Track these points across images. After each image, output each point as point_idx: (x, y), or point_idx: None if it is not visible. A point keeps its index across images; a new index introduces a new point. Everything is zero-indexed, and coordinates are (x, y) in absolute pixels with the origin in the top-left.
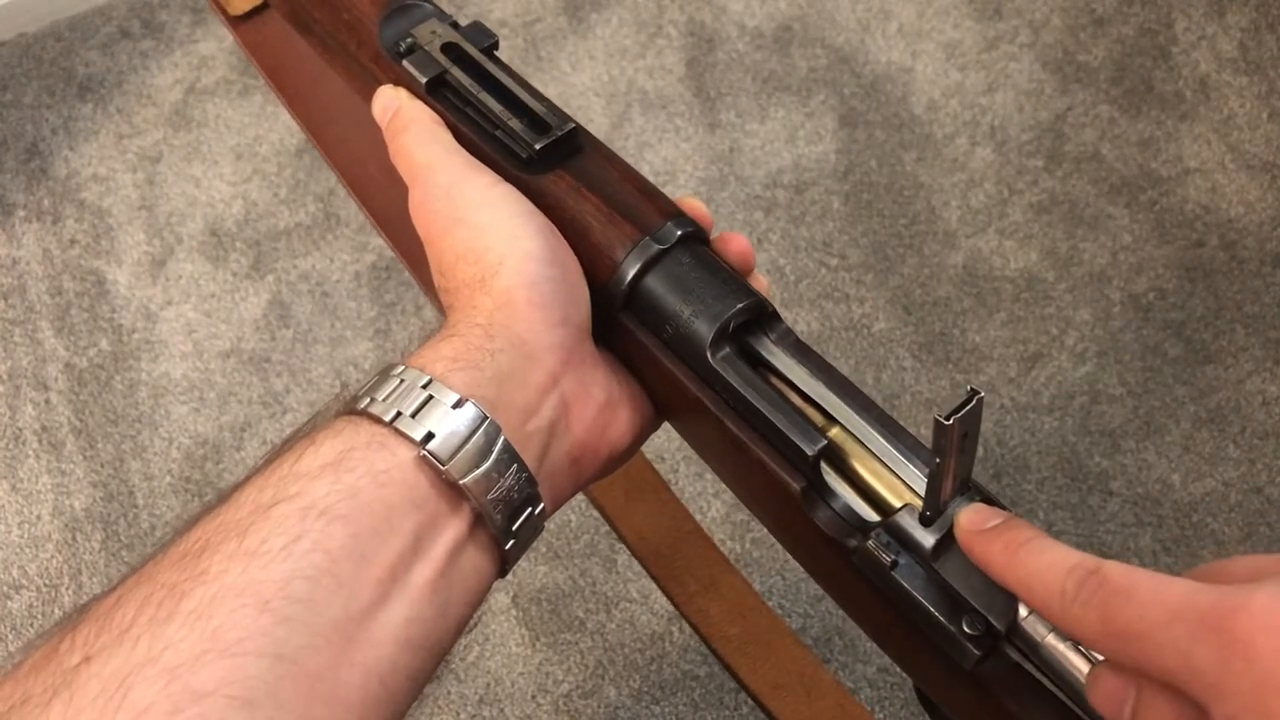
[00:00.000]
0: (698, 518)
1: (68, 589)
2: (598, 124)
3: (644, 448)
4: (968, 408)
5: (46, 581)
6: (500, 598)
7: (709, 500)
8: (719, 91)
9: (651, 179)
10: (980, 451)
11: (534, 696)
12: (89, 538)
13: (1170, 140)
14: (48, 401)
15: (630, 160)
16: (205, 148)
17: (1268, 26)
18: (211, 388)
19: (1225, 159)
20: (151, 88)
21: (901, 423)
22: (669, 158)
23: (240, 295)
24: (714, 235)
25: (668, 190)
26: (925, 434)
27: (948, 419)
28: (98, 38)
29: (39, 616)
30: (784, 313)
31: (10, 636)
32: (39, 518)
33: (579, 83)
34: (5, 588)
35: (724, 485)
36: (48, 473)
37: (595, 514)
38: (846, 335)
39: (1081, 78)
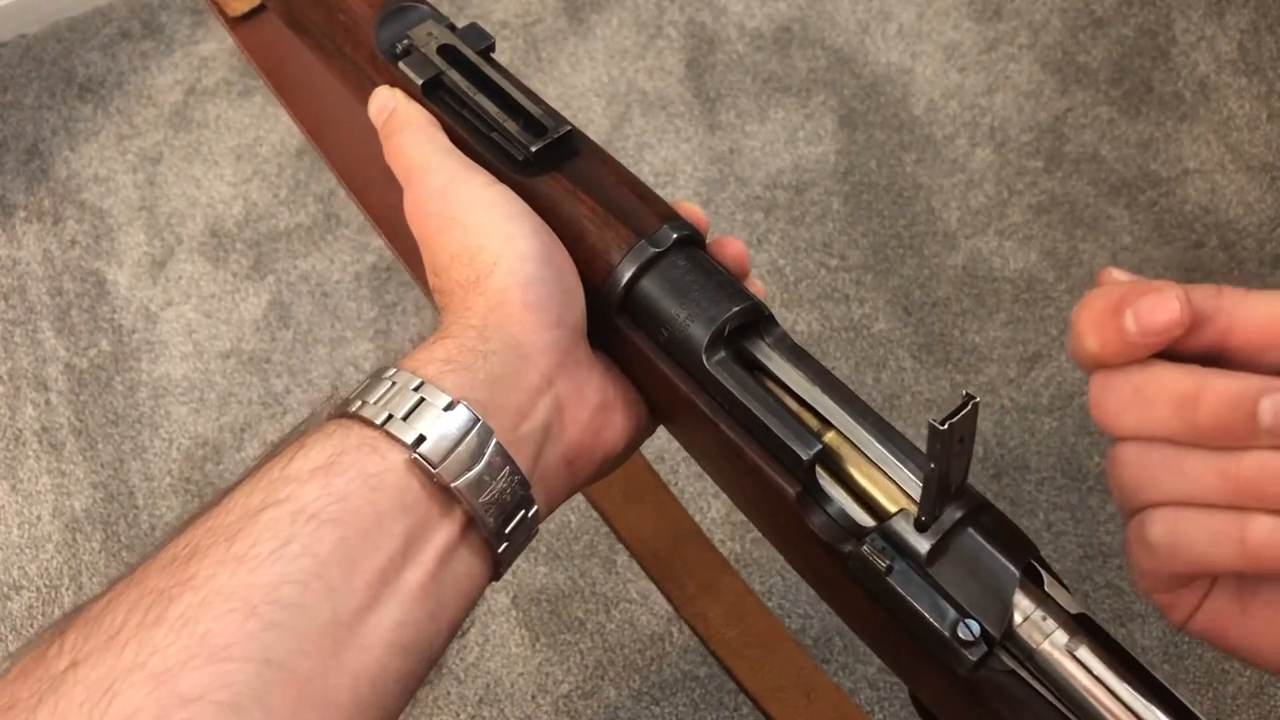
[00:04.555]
0: (697, 518)
1: (68, 590)
2: (598, 125)
3: (644, 448)
4: (963, 413)
5: (46, 582)
6: (500, 598)
7: (709, 500)
8: (719, 92)
9: (651, 180)
10: (980, 451)
11: (534, 697)
12: (89, 538)
13: (1170, 141)
14: (48, 402)
15: (630, 161)
16: (205, 148)
17: (1267, 27)
18: (212, 388)
19: (1225, 160)
20: (152, 89)
21: (901, 423)
22: (669, 158)
23: (240, 296)
24: (711, 238)
25: (667, 191)
26: (925, 435)
27: (943, 424)
28: (98, 39)
29: (39, 617)
30: (784, 313)
31: (10, 637)
32: (39, 518)
33: (579, 83)
34: (5, 588)
35: None
36: (48, 473)
37: (595, 514)
38: (846, 336)
39: (1081, 79)
